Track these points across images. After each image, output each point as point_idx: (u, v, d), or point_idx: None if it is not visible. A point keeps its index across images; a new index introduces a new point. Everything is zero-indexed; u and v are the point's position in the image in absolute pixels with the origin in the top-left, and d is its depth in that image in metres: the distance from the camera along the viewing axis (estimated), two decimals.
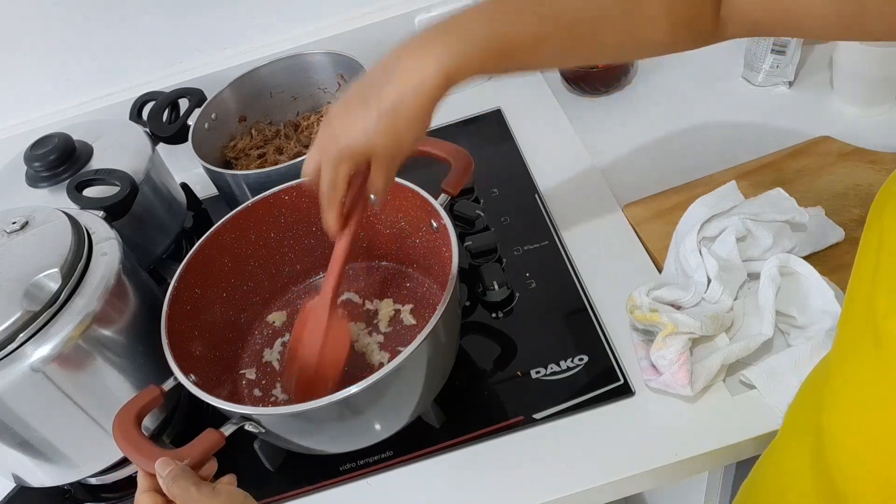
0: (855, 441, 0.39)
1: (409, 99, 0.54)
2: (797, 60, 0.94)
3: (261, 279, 0.82)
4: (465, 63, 0.55)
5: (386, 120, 0.55)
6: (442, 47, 0.55)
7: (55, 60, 1.03)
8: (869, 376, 0.37)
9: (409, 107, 0.55)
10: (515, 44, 0.56)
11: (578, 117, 1.00)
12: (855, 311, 0.40)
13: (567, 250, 0.83)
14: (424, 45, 0.55)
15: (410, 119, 0.55)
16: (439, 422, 0.71)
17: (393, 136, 0.56)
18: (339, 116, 0.58)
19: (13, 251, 0.68)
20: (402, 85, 0.55)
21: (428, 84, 0.54)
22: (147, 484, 0.56)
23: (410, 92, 0.54)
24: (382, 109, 0.55)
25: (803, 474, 0.45)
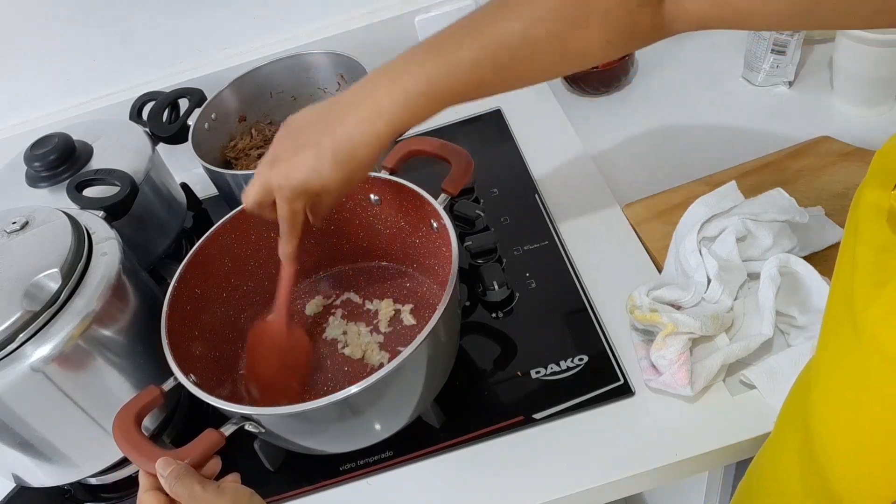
0: (838, 433, 0.40)
1: (363, 149, 0.59)
2: (797, 60, 0.94)
3: (261, 279, 0.81)
4: (410, 115, 0.59)
5: (341, 169, 0.59)
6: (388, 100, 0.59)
7: (55, 60, 1.03)
8: (849, 369, 0.38)
9: (363, 156, 0.59)
10: (454, 91, 0.60)
11: (578, 117, 1.00)
12: (836, 305, 0.41)
13: (567, 250, 0.83)
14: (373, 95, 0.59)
15: (363, 167, 0.60)
16: (439, 422, 0.71)
17: (345, 180, 0.60)
18: (286, 155, 0.61)
19: (13, 251, 0.68)
20: (354, 135, 0.59)
21: (378, 134, 0.59)
22: (149, 483, 0.56)
23: (363, 143, 0.59)
24: (338, 158, 0.59)
25: (794, 470, 0.45)
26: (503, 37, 0.58)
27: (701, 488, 0.77)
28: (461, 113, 1.06)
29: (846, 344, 0.38)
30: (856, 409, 0.38)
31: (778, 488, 0.49)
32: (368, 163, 0.60)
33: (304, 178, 0.60)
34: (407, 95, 0.58)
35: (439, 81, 0.59)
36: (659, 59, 1.06)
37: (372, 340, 0.77)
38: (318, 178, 0.60)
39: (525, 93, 1.05)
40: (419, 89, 0.58)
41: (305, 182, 0.60)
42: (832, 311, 0.42)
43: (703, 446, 0.65)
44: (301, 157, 0.60)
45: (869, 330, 0.36)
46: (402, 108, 0.59)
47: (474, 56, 0.58)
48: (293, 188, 0.61)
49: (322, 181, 0.60)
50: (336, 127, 0.59)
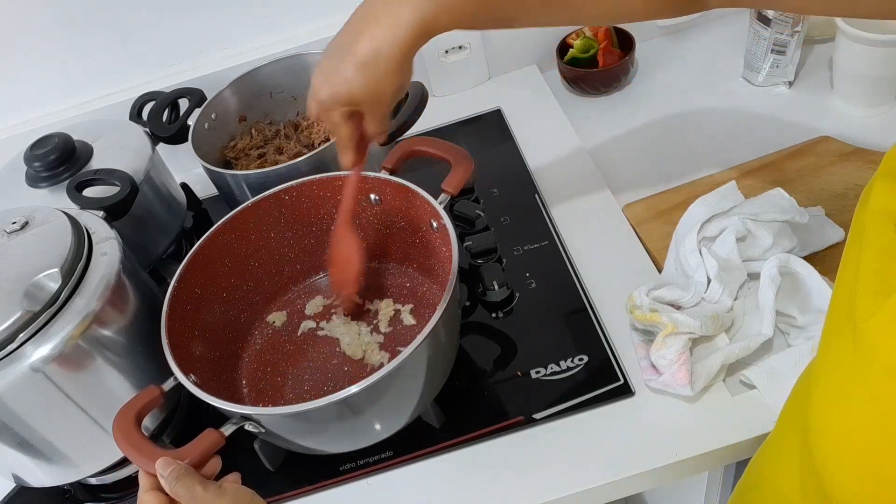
0: (837, 440, 0.39)
1: (385, 51, 0.56)
2: (797, 60, 0.94)
3: (261, 279, 0.81)
4: (441, 15, 0.56)
5: (363, 72, 0.57)
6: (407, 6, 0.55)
7: (55, 60, 1.03)
8: (849, 377, 0.38)
9: (386, 58, 0.56)
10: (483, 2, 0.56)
11: (578, 117, 1.00)
12: (837, 310, 0.41)
13: (567, 250, 0.83)
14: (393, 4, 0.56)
15: (388, 71, 0.57)
16: (439, 422, 0.71)
17: (372, 86, 0.58)
18: (323, 67, 0.60)
19: (13, 251, 0.68)
20: (377, 37, 0.56)
21: (404, 36, 0.56)
22: (149, 483, 0.56)
23: (386, 45, 0.56)
24: (359, 61, 0.57)
25: (793, 472, 0.45)
26: None
27: (701, 488, 0.77)
28: (461, 113, 1.06)
29: (846, 351, 0.38)
30: (854, 417, 0.37)
31: (776, 489, 0.49)
32: (394, 65, 0.57)
33: (331, 89, 0.59)
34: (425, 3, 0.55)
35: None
36: (659, 59, 1.06)
37: (372, 340, 0.77)
38: (343, 86, 0.58)
39: (525, 93, 1.06)
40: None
41: (333, 92, 0.59)
42: (833, 315, 0.42)
43: (703, 446, 0.65)
44: (327, 67, 0.60)
45: (870, 339, 0.35)
46: (430, 6, 0.55)
47: None
48: (323, 100, 0.60)
49: (348, 88, 0.58)
50: (362, 31, 0.57)
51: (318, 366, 0.76)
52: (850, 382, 0.38)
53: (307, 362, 0.77)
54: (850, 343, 0.37)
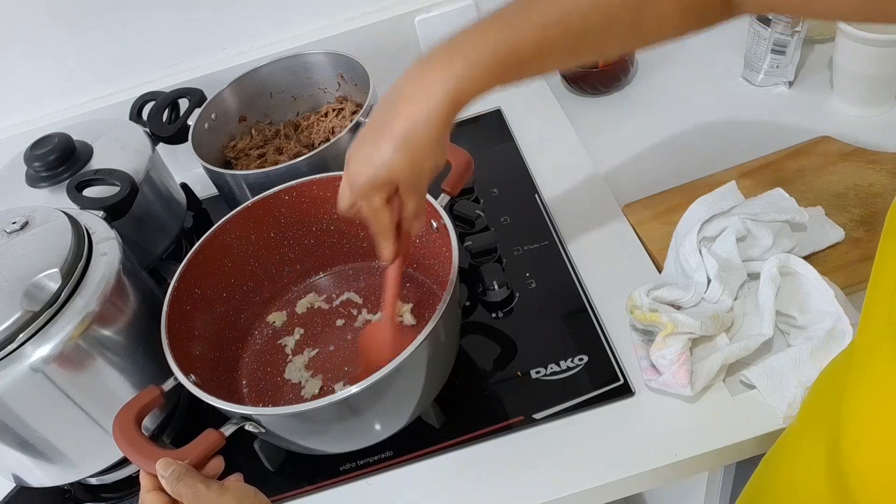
0: (872, 453, 0.39)
1: (421, 128, 0.56)
2: (797, 60, 0.94)
3: (261, 279, 0.82)
4: (471, 85, 0.56)
5: (402, 151, 0.56)
6: (447, 72, 0.55)
7: (55, 60, 1.03)
8: (891, 394, 0.37)
9: (422, 136, 0.56)
10: (521, 58, 0.56)
11: (578, 117, 1.00)
12: (876, 318, 0.40)
13: (567, 250, 0.83)
14: (429, 72, 0.56)
15: (425, 148, 0.57)
16: (439, 422, 0.71)
17: (410, 165, 0.57)
18: (358, 151, 0.59)
19: (13, 251, 0.68)
20: (411, 115, 0.56)
21: (437, 112, 0.55)
22: (150, 483, 0.56)
23: (422, 121, 0.56)
24: (396, 142, 0.56)
25: (817, 477, 0.44)
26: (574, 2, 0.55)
27: (701, 488, 0.77)
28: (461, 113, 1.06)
29: (886, 362, 0.37)
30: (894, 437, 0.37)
31: (797, 493, 0.48)
32: (431, 146, 0.57)
33: (370, 172, 0.57)
34: (467, 65, 0.55)
35: (503, 48, 0.55)
36: (659, 59, 1.06)
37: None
38: (383, 168, 0.57)
39: (525, 93, 1.06)
40: (481, 57, 0.55)
41: (373, 175, 0.57)
42: (872, 322, 0.40)
43: (703, 446, 0.65)
44: (365, 150, 0.58)
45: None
46: (460, 80, 0.55)
47: (543, 20, 0.55)
48: (362, 185, 0.58)
49: (387, 170, 0.57)
50: (396, 112, 0.56)
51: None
52: (891, 395, 0.37)
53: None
54: (892, 362, 0.36)
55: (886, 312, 0.38)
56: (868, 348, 0.41)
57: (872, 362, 0.40)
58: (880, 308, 0.39)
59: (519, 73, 0.58)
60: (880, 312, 0.39)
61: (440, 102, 0.55)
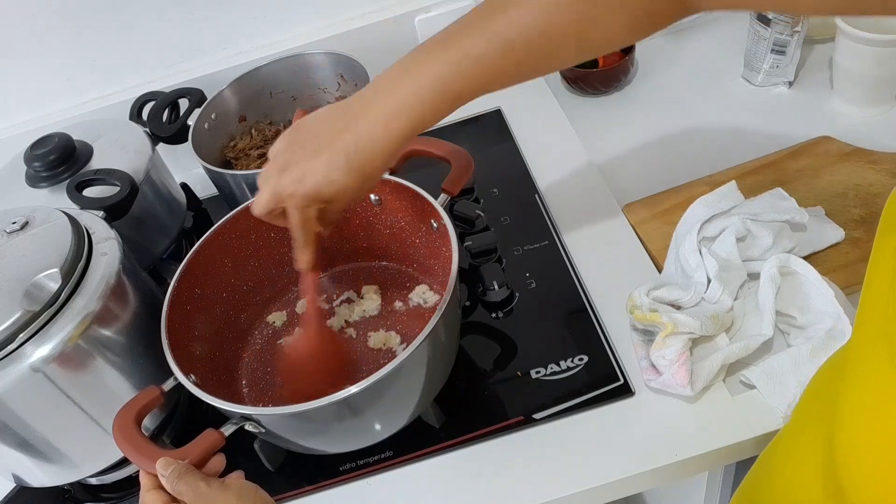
0: (867, 460, 0.38)
1: (378, 157, 0.57)
2: (797, 60, 0.94)
3: (261, 279, 0.81)
4: (424, 115, 0.56)
5: (354, 176, 0.57)
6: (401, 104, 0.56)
7: (55, 60, 1.03)
8: (886, 398, 0.37)
9: (378, 164, 0.57)
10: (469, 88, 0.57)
11: (578, 117, 1.00)
12: (871, 322, 0.39)
13: (567, 250, 0.83)
14: (384, 99, 0.57)
15: (378, 170, 0.58)
16: (439, 422, 0.71)
17: (361, 184, 0.58)
18: (296, 161, 0.58)
19: (13, 251, 0.68)
20: (368, 143, 0.56)
21: (397, 132, 0.56)
22: (150, 483, 0.56)
23: (378, 151, 0.56)
24: (352, 166, 0.56)
25: (812, 479, 0.44)
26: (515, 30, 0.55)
27: (701, 488, 0.77)
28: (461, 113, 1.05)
29: (883, 371, 0.37)
30: (890, 441, 0.37)
31: (792, 494, 0.48)
32: (383, 168, 0.58)
33: (316, 186, 0.57)
34: (419, 95, 0.56)
35: (450, 78, 0.56)
36: (659, 59, 1.06)
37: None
38: (330, 186, 0.57)
39: (525, 93, 1.06)
40: (431, 87, 0.56)
41: (317, 190, 0.57)
42: (867, 325, 0.40)
43: (703, 446, 0.65)
44: (313, 163, 0.57)
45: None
46: (414, 108, 0.56)
47: (483, 50, 0.55)
48: (304, 196, 0.58)
49: (335, 188, 0.57)
50: (349, 131, 0.57)
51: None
52: (888, 405, 0.37)
53: None
54: (887, 364, 0.36)
55: (881, 315, 0.37)
56: (863, 351, 0.41)
57: (867, 367, 0.40)
58: (875, 310, 0.39)
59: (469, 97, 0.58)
60: (875, 314, 0.39)
61: (399, 135, 0.56)
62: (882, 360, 0.37)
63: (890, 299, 0.36)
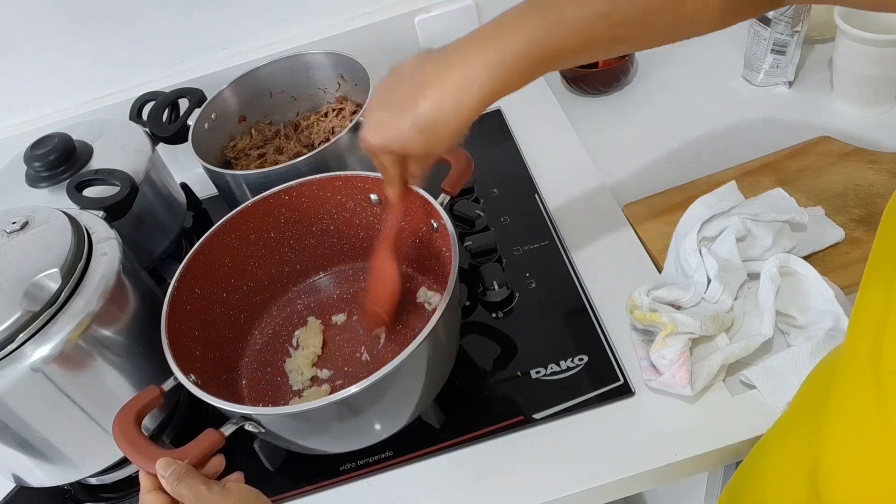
0: (851, 483, 0.38)
1: (448, 118, 0.57)
2: (797, 60, 0.94)
3: (261, 279, 0.81)
4: (506, 80, 0.56)
5: (421, 134, 0.58)
6: (482, 64, 0.56)
7: (55, 60, 1.03)
8: (868, 425, 0.36)
9: (446, 124, 0.57)
10: (558, 51, 0.56)
11: (578, 117, 1.00)
12: (861, 342, 0.39)
13: (567, 250, 0.83)
14: (466, 60, 0.56)
15: (445, 135, 0.58)
16: (439, 422, 0.71)
17: (425, 146, 0.59)
18: (379, 113, 0.61)
19: (13, 251, 0.68)
20: (440, 102, 0.57)
21: (467, 105, 0.57)
22: (150, 484, 0.56)
23: (449, 111, 0.57)
24: (420, 124, 0.57)
25: (799, 483, 0.44)
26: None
27: (701, 488, 0.77)
28: None
29: (868, 396, 0.36)
30: (872, 466, 0.36)
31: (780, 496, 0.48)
32: (454, 132, 0.58)
33: (385, 139, 0.60)
34: (503, 59, 0.55)
35: (541, 41, 0.55)
36: (659, 59, 1.06)
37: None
38: (398, 142, 0.59)
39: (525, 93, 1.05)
40: (518, 51, 0.55)
41: (386, 143, 0.60)
42: (856, 344, 0.39)
43: (703, 446, 0.65)
44: (386, 116, 0.60)
45: (893, 397, 0.34)
46: (496, 74, 0.55)
47: (582, 13, 0.55)
48: (376, 145, 0.61)
49: (402, 144, 0.59)
50: (425, 92, 0.57)
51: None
52: (870, 429, 0.36)
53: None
54: (873, 389, 0.36)
55: (870, 354, 0.37)
56: (850, 372, 0.40)
57: (852, 389, 0.39)
58: (866, 329, 0.38)
59: (553, 66, 0.58)
60: (866, 334, 0.38)
61: (474, 97, 0.56)
62: (869, 392, 0.36)
63: (882, 337, 0.36)
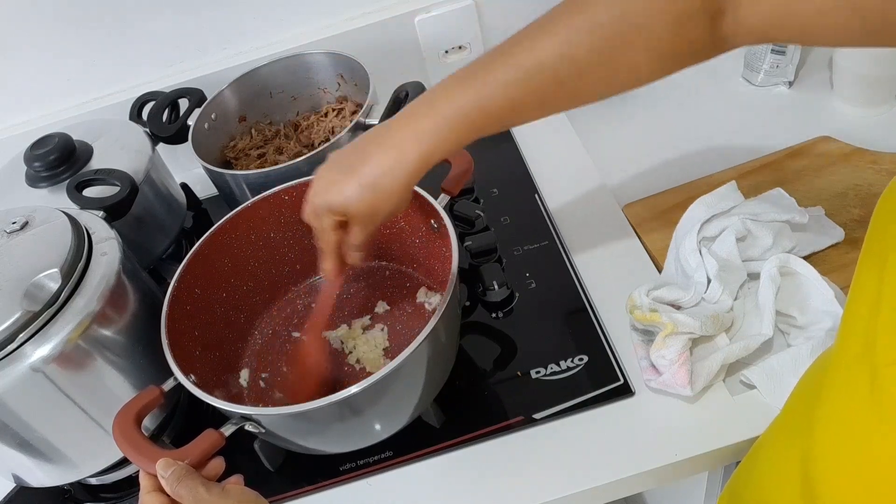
0: (843, 477, 0.38)
1: (388, 177, 0.59)
2: (797, 60, 0.94)
3: (261, 279, 0.81)
4: (442, 143, 0.58)
5: (364, 192, 0.60)
6: (419, 128, 0.58)
7: (55, 60, 1.03)
8: (863, 418, 0.36)
9: (388, 184, 0.59)
10: (490, 117, 0.58)
11: (578, 117, 1.00)
12: (853, 337, 0.39)
13: (567, 250, 0.83)
14: (406, 125, 0.59)
15: (388, 195, 0.60)
16: (439, 422, 0.71)
17: (369, 207, 0.61)
18: (325, 173, 0.63)
19: (13, 251, 0.68)
20: (382, 163, 0.59)
21: (405, 167, 0.59)
22: (150, 484, 0.55)
23: (388, 172, 0.59)
24: (362, 183, 0.59)
25: (792, 484, 0.44)
26: (538, 57, 0.55)
27: (701, 488, 0.77)
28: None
29: (861, 390, 0.36)
30: (866, 460, 0.36)
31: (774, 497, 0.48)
32: (395, 193, 0.60)
33: (329, 198, 0.61)
34: (437, 125, 0.57)
35: (470, 109, 0.57)
36: None
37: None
38: (340, 198, 0.60)
39: None
40: (449, 116, 0.57)
41: (330, 201, 0.61)
42: (848, 340, 0.39)
43: (703, 446, 0.65)
44: (331, 175, 0.62)
45: (890, 389, 0.34)
46: (430, 138, 0.58)
47: (506, 77, 0.56)
48: (318, 204, 0.62)
49: (345, 202, 0.60)
50: (369, 155, 0.60)
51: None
52: (864, 424, 0.36)
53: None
54: (866, 383, 0.36)
55: (863, 346, 0.37)
56: (842, 369, 0.40)
57: (845, 384, 0.39)
58: (857, 338, 0.38)
59: (487, 129, 0.59)
60: (857, 343, 0.38)
61: (411, 160, 0.58)
62: (862, 386, 0.36)
63: (874, 329, 0.36)
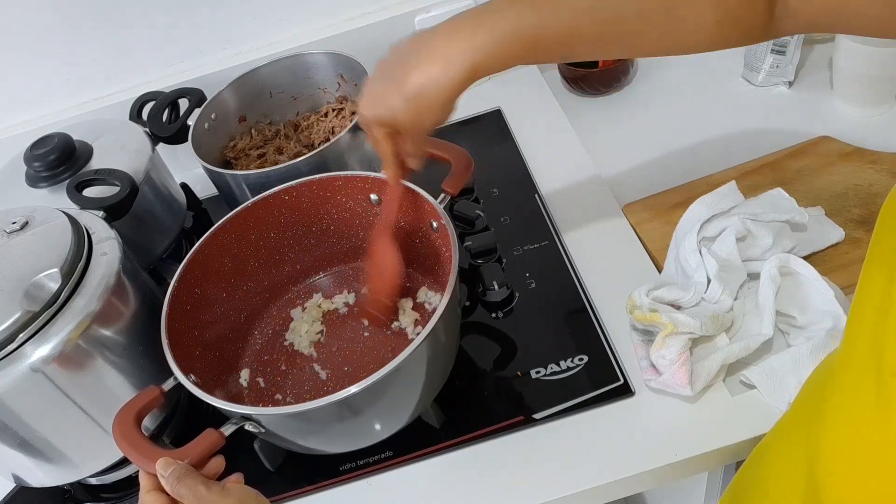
0: (849, 483, 0.38)
1: (433, 89, 0.58)
2: (797, 60, 0.94)
3: (261, 279, 0.81)
4: (491, 58, 0.57)
5: (409, 104, 0.59)
6: (470, 41, 0.57)
7: (55, 60, 1.03)
8: (868, 422, 0.36)
9: (433, 96, 0.58)
10: (546, 39, 0.57)
11: (578, 117, 1.00)
12: (858, 349, 0.38)
13: (567, 250, 0.83)
14: (454, 36, 0.58)
15: (432, 108, 0.59)
16: (439, 422, 0.71)
17: (414, 117, 0.60)
18: (372, 86, 0.63)
19: (13, 251, 0.68)
20: (427, 74, 0.58)
21: (452, 78, 0.57)
22: (150, 484, 0.56)
23: (434, 83, 0.58)
24: (407, 94, 0.59)
25: (796, 488, 0.44)
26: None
27: (701, 488, 0.77)
28: (461, 113, 1.06)
29: (868, 396, 0.36)
30: (871, 468, 0.36)
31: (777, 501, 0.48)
32: (439, 104, 0.59)
33: (376, 110, 0.61)
34: (491, 38, 0.56)
35: (530, 26, 0.56)
36: (659, 59, 1.06)
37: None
38: (388, 112, 0.60)
39: (525, 93, 1.06)
40: (505, 33, 0.56)
41: (377, 114, 0.61)
42: (855, 342, 0.39)
43: (703, 446, 0.65)
44: (377, 88, 0.62)
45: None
46: (480, 53, 0.56)
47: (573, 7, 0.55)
48: (368, 117, 0.63)
49: (392, 115, 0.60)
50: (415, 65, 0.59)
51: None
52: (870, 430, 0.36)
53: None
54: (873, 390, 0.35)
55: (869, 353, 0.37)
56: (848, 373, 0.40)
57: (852, 389, 0.39)
58: (863, 332, 0.38)
59: (539, 54, 0.59)
60: (863, 336, 0.38)
61: (458, 71, 0.57)
62: (869, 392, 0.36)
63: (882, 336, 0.35)
